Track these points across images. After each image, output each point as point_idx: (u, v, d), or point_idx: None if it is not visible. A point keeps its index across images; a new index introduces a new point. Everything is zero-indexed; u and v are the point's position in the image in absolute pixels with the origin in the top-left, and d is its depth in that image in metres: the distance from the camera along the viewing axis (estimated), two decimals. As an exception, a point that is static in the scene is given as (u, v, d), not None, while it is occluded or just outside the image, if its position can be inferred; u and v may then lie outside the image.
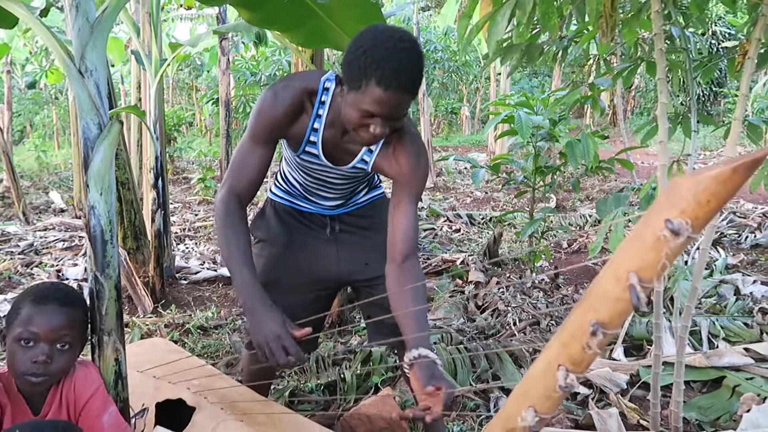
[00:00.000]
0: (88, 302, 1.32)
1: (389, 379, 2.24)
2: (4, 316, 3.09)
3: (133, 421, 1.36)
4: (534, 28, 1.79)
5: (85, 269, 3.72)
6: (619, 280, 0.80)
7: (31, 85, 14.92)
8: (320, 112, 1.48)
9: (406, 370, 1.32)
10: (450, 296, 3.15)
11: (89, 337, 1.32)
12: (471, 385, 2.31)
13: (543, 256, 3.77)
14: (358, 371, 2.29)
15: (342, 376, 2.28)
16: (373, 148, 1.51)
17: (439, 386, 1.22)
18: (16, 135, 13.80)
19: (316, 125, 1.49)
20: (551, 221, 4.70)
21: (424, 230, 4.97)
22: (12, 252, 4.36)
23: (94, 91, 1.30)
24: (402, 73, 1.24)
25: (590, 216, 5.22)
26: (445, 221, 5.31)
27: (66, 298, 1.24)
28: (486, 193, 7.15)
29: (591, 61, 2.90)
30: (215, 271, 3.89)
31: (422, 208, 5.76)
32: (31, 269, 3.95)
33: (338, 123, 1.45)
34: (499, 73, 9.83)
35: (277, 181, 1.80)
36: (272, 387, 2.17)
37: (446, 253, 4.11)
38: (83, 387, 1.28)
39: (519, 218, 5.12)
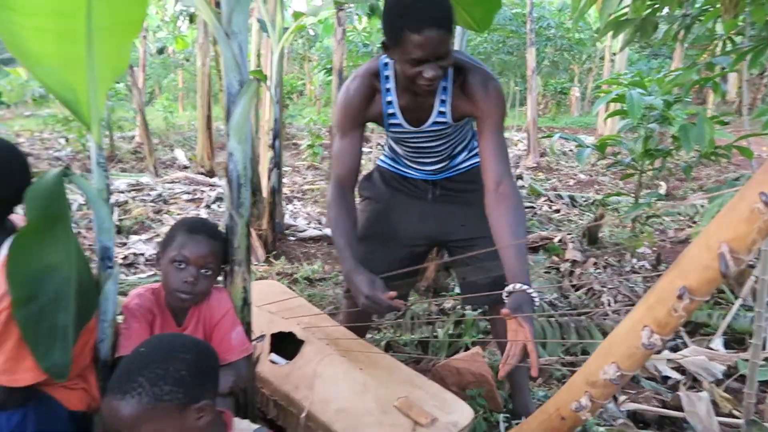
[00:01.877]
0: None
1: (479, 342, 2.34)
2: (159, 242, 3.51)
3: (253, 343, 1.56)
4: (653, 3, 1.77)
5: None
6: (710, 248, 0.85)
7: (161, 51, 16.12)
8: (388, 86, 1.64)
9: (506, 301, 1.43)
10: (545, 272, 3.18)
11: (223, 267, 1.53)
12: (560, 356, 2.36)
13: (645, 242, 3.68)
14: (450, 331, 2.41)
15: (435, 334, 2.41)
16: (444, 97, 1.62)
17: (518, 322, 1.33)
18: (147, 96, 15.02)
19: (389, 98, 1.65)
20: (658, 208, 4.53)
21: (525, 207, 4.96)
22: (144, 200, 4.86)
23: (237, 51, 1.48)
24: (425, 12, 1.37)
25: (702, 207, 4.95)
26: (546, 201, 5.26)
27: (212, 231, 1.45)
28: (591, 176, 6.95)
29: (716, 41, 2.76)
30: (320, 231, 4.14)
31: (522, 186, 5.72)
32: (161, 216, 4.40)
33: (407, 89, 1.59)
34: (614, 53, 9.38)
35: (385, 151, 1.97)
36: (369, 337, 2.35)
37: (545, 231, 4.10)
38: (217, 307, 1.49)
39: (623, 202, 4.97)
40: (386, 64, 1.63)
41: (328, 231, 4.11)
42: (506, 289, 1.44)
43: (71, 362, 1.25)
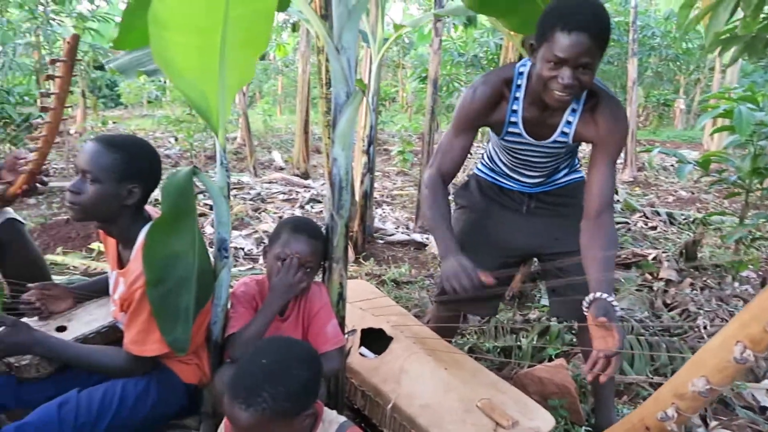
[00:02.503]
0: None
1: (564, 353, 2.34)
2: (268, 236, 3.76)
3: (345, 336, 1.67)
4: (763, 20, 1.71)
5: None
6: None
7: (262, 57, 16.94)
8: (517, 95, 1.67)
9: (585, 312, 1.46)
10: (636, 289, 3.10)
11: (322, 264, 1.65)
12: (648, 376, 2.31)
13: (750, 265, 3.48)
14: (534, 342, 2.42)
15: (518, 343, 2.43)
16: (571, 119, 1.64)
17: (609, 323, 1.35)
18: (248, 100, 15.84)
19: (514, 107, 1.68)
20: (766, 230, 4.26)
21: (617, 223, 4.81)
22: (244, 198, 5.18)
23: (346, 66, 1.59)
24: (581, 15, 1.40)
25: (818, 231, 4.59)
26: (641, 217, 5.07)
27: (314, 230, 1.58)
28: (692, 193, 6.60)
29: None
30: (408, 235, 4.24)
31: (617, 200, 5.55)
32: (259, 214, 4.68)
33: (536, 101, 1.62)
34: (725, 65, 8.85)
35: (483, 160, 2.02)
36: (453, 341, 2.41)
37: (638, 248, 3.97)
38: (315, 300, 1.61)
39: (727, 222, 4.70)
40: (521, 74, 1.66)
41: (415, 236, 4.20)
42: (588, 297, 1.47)
43: (190, 339, 1.41)
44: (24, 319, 1.55)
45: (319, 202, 5.21)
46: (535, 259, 2.10)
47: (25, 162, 1.71)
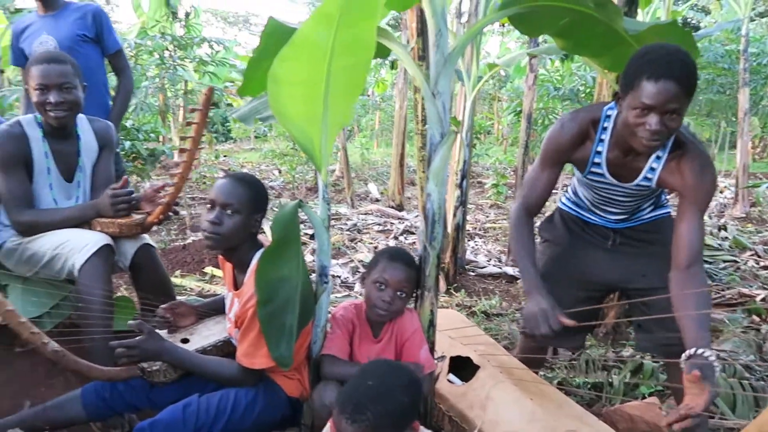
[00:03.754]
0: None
1: (658, 392, 2.28)
2: (365, 264, 3.96)
3: (435, 362, 1.76)
4: None
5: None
6: None
7: (361, 93, 17.58)
8: (603, 137, 1.71)
9: (682, 366, 1.46)
10: (742, 332, 2.94)
11: (415, 291, 1.76)
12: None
13: None
14: (627, 379, 2.38)
15: (610, 380, 2.40)
16: (655, 165, 1.66)
17: (702, 382, 1.35)
18: (347, 134, 16.48)
19: (599, 149, 1.72)
20: None
21: (723, 261, 4.56)
22: (342, 228, 5.42)
23: (441, 109, 1.72)
24: (669, 64, 1.43)
25: None
26: (752, 255, 4.77)
27: (409, 260, 1.71)
28: (816, 232, 6.09)
29: None
30: (500, 268, 4.26)
31: (725, 237, 5.25)
32: (355, 244, 4.89)
33: (621, 144, 1.65)
34: None
35: (568, 194, 2.06)
36: (541, 374, 2.42)
37: (746, 288, 3.75)
38: (408, 325, 1.73)
39: None
40: (608, 116, 1.71)
41: (507, 269, 4.22)
42: (686, 352, 1.47)
43: (293, 355, 1.57)
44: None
45: (413, 233, 5.35)
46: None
47: (162, 195, 1.99)
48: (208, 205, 1.63)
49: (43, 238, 2.03)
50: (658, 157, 1.66)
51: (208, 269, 3.84)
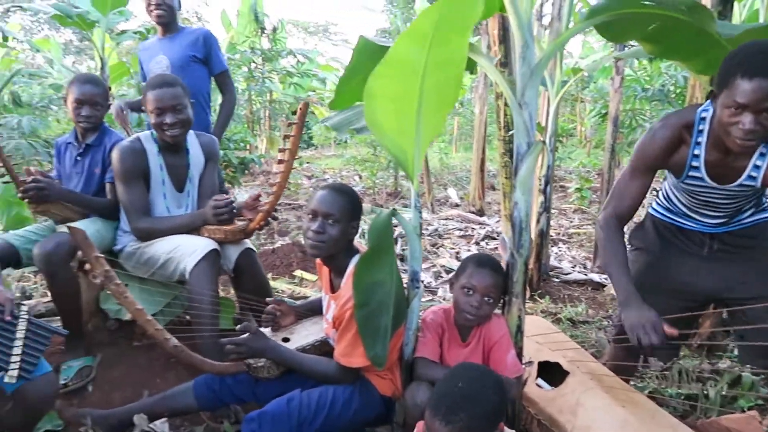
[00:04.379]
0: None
1: (758, 407, 2.19)
2: (447, 269, 4.03)
3: (523, 366, 1.80)
4: None
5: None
6: None
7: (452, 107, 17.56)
8: (699, 140, 1.68)
9: None
10: None
11: (502, 297, 1.81)
12: None
13: None
14: (723, 392, 2.30)
15: (705, 392, 2.33)
16: (760, 163, 1.61)
17: None
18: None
19: (696, 152, 1.69)
20: None
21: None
22: (423, 234, 5.50)
23: (527, 119, 1.76)
24: (764, 62, 1.40)
25: None
26: None
27: (496, 266, 1.76)
28: None
29: None
30: (585, 275, 4.19)
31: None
32: (437, 249, 4.95)
33: (719, 145, 1.62)
34: None
35: (659, 200, 2.01)
36: (631, 383, 2.38)
37: None
38: (495, 330, 1.78)
39: None
40: (703, 119, 1.69)
41: (593, 275, 4.14)
42: None
43: (387, 356, 1.66)
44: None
45: (494, 238, 5.35)
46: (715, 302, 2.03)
47: (262, 203, 2.15)
48: (310, 215, 1.75)
49: (158, 243, 2.24)
50: (762, 155, 1.61)
51: (298, 272, 4.03)
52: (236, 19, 8.56)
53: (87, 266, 1.64)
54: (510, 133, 3.52)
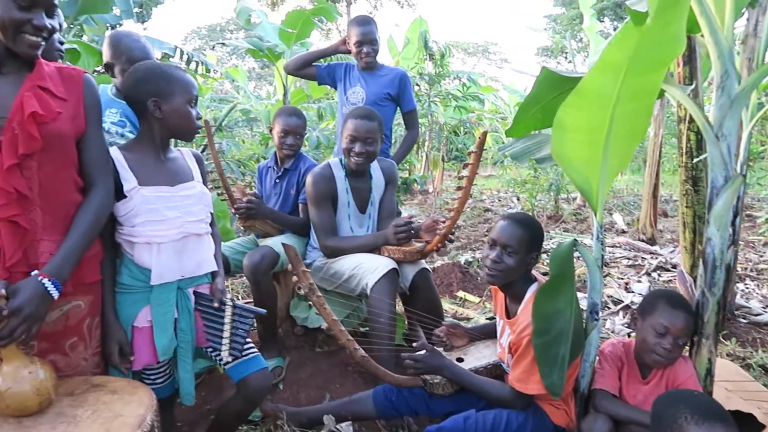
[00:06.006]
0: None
1: None
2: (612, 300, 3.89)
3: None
4: None
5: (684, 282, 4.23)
6: None
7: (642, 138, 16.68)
8: None
9: None
10: None
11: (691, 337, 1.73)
12: None
13: None
14: None
15: None
16: None
17: None
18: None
19: None
20: None
21: None
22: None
23: (725, 152, 1.67)
24: None
25: None
26: None
27: (689, 307, 1.70)
28: None
29: None
30: (780, 317, 3.75)
31: None
32: (603, 278, 4.73)
33: None
34: None
35: None
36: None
37: None
38: (681, 372, 1.70)
39: None
40: None
41: (790, 319, 3.70)
42: None
43: (564, 385, 1.67)
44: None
45: (668, 270, 4.99)
46: None
47: (440, 227, 2.27)
48: (490, 244, 1.82)
49: (343, 260, 2.45)
50: None
51: (460, 293, 4.11)
52: (403, 45, 8.97)
53: (294, 278, 1.85)
54: (696, 160, 3.30)
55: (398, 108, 3.38)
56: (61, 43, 2.10)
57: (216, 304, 1.68)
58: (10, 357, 1.27)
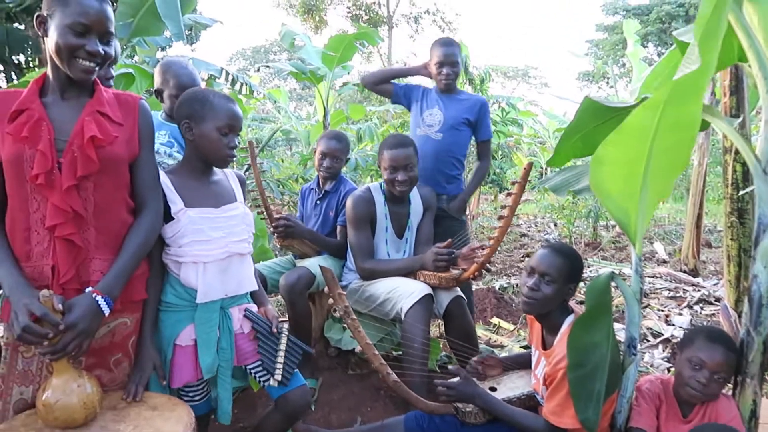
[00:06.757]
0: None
1: None
2: (652, 333, 3.80)
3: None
4: None
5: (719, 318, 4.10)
6: None
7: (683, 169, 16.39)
8: None
9: None
10: None
11: (733, 376, 1.68)
12: None
13: None
14: None
15: None
16: None
17: None
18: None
19: None
20: None
21: None
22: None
23: (770, 188, 1.64)
24: None
25: None
26: None
27: (729, 342, 1.65)
28: None
29: None
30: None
31: None
32: (642, 309, 4.62)
33: None
34: None
35: None
36: None
37: None
38: (724, 411, 1.65)
39: None
40: None
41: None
42: None
43: (599, 421, 1.64)
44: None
45: (711, 303, 4.84)
46: None
47: (479, 255, 2.27)
48: (528, 271, 1.82)
49: (378, 283, 2.48)
50: None
51: (494, 320, 4.07)
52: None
53: (330, 300, 1.88)
54: (742, 193, 3.23)
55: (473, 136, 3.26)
56: (109, 78, 2.20)
57: (274, 330, 1.75)
58: (61, 370, 1.33)
